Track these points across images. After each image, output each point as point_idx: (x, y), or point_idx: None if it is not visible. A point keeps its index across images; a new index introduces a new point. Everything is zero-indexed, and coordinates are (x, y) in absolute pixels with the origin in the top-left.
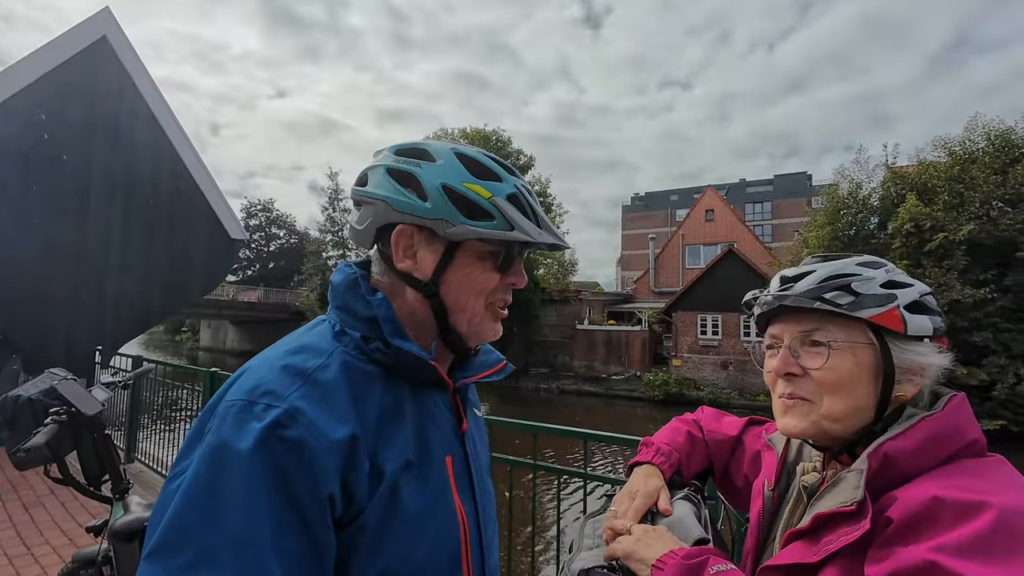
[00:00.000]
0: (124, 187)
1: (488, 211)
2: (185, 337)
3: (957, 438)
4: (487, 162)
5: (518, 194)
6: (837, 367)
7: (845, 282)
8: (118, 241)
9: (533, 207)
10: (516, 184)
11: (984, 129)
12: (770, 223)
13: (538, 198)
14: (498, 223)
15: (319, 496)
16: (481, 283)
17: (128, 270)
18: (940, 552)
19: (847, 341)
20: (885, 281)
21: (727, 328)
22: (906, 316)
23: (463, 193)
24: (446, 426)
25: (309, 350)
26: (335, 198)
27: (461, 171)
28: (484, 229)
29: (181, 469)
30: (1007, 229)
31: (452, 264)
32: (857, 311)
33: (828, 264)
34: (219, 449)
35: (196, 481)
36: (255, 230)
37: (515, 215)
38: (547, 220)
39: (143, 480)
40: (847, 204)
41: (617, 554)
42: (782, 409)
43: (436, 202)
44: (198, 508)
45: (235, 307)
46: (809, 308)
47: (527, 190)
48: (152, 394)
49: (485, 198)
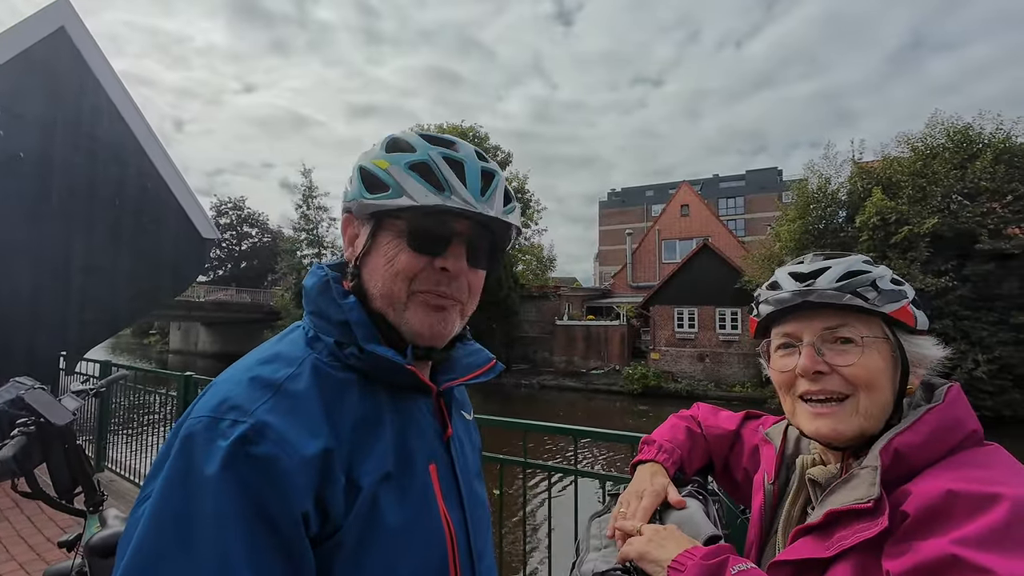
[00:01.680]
0: (87, 186)
1: (384, 181)
2: (154, 340)
3: (959, 429)
4: (413, 138)
5: (428, 161)
6: (868, 364)
7: (869, 278)
8: (81, 242)
9: (444, 175)
10: (431, 152)
11: (944, 126)
12: (743, 217)
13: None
14: (391, 192)
15: (293, 515)
16: (399, 263)
17: (93, 272)
18: (961, 545)
19: (872, 336)
20: (893, 278)
21: (703, 321)
22: (915, 311)
23: (369, 170)
24: (429, 432)
25: (280, 359)
26: (309, 195)
27: (379, 150)
28: (372, 200)
29: (148, 493)
30: (966, 221)
31: (374, 244)
32: (882, 306)
33: (842, 261)
34: (184, 472)
35: (161, 507)
36: (226, 229)
37: (409, 182)
38: (476, 188)
39: (114, 490)
40: (816, 199)
41: (630, 556)
42: (812, 413)
43: (355, 184)
44: (165, 537)
45: (207, 308)
46: (834, 304)
47: (451, 159)
48: (123, 400)
49: (382, 168)
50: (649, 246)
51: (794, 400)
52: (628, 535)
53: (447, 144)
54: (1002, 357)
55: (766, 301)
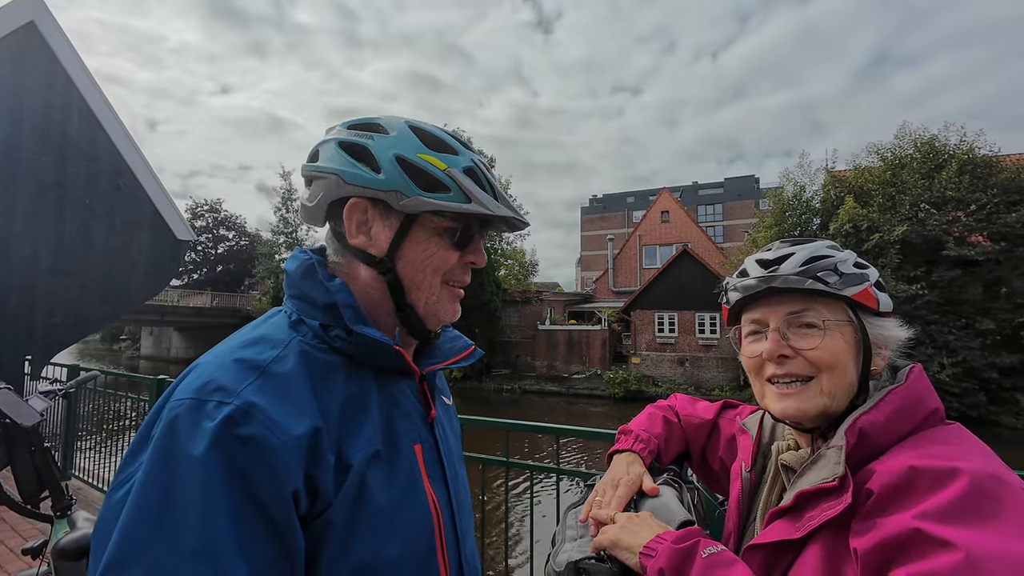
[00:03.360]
0: (55, 185)
1: (444, 183)
2: (125, 345)
3: (921, 408)
4: (442, 135)
5: (475, 167)
6: (830, 346)
7: (831, 263)
8: (49, 243)
9: (490, 181)
10: (473, 158)
11: (912, 137)
12: (721, 224)
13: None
14: (455, 195)
15: (283, 494)
16: (438, 259)
17: (61, 274)
18: (922, 519)
19: (835, 320)
20: (856, 262)
21: (683, 325)
22: (877, 293)
23: (418, 164)
24: (414, 414)
25: (264, 342)
26: (288, 198)
27: (416, 143)
28: (440, 201)
29: (127, 476)
30: (934, 229)
31: (408, 239)
32: (844, 289)
33: (806, 247)
34: (169, 454)
35: (146, 490)
36: (202, 231)
37: (472, 187)
38: (504, 196)
39: (81, 498)
40: (792, 206)
41: (604, 544)
42: (778, 394)
43: (390, 173)
44: (150, 520)
45: (181, 313)
46: (795, 289)
47: (484, 165)
48: (91, 405)
49: (441, 169)
50: (630, 251)
51: (763, 383)
52: (602, 523)
53: (468, 147)
54: (967, 360)
55: (734, 288)
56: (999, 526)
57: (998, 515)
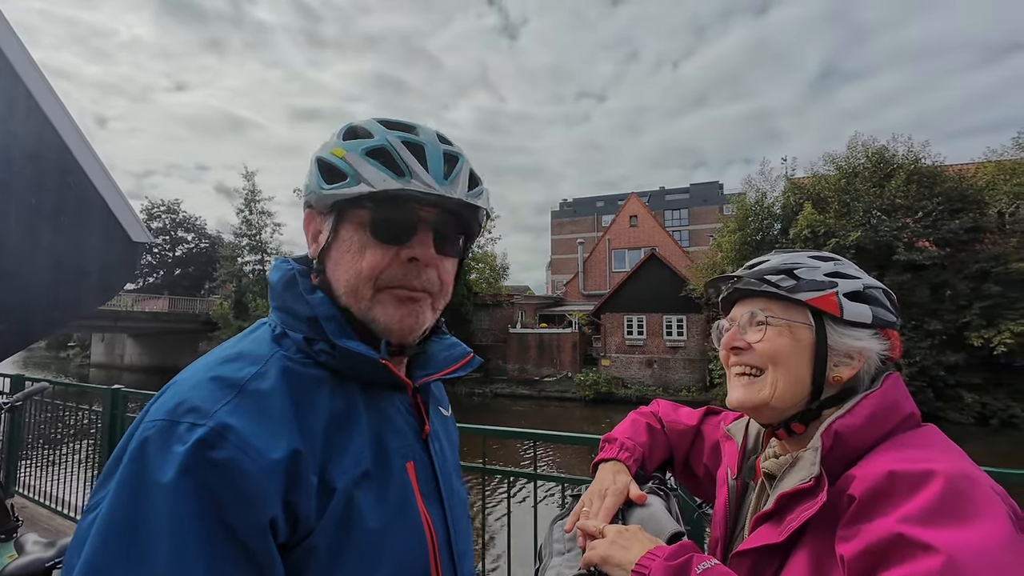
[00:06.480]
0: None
1: (342, 170)
2: (73, 353)
3: (896, 412)
4: (367, 124)
5: (386, 146)
6: (773, 340)
7: (789, 268)
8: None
9: (403, 159)
10: (388, 137)
11: (863, 147)
12: (687, 228)
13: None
14: (349, 180)
15: (259, 523)
16: (359, 255)
17: (4, 278)
18: (904, 523)
19: (785, 319)
20: (831, 272)
21: (651, 328)
22: (843, 302)
23: (326, 160)
24: (406, 429)
25: (244, 357)
26: (252, 199)
27: (335, 140)
28: (331, 190)
29: (96, 502)
30: (885, 235)
31: (335, 238)
32: (796, 293)
33: (782, 255)
34: (137, 480)
35: (113, 519)
36: (159, 233)
37: (367, 168)
38: (439, 171)
39: (27, 516)
40: (754, 212)
41: (594, 560)
42: (733, 384)
43: (312, 177)
44: (116, 551)
45: (135, 318)
46: (758, 290)
47: (411, 143)
48: (39, 416)
49: (339, 157)
50: (600, 255)
51: (729, 376)
52: (590, 535)
53: (407, 128)
54: (919, 361)
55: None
56: (975, 525)
57: (973, 514)
